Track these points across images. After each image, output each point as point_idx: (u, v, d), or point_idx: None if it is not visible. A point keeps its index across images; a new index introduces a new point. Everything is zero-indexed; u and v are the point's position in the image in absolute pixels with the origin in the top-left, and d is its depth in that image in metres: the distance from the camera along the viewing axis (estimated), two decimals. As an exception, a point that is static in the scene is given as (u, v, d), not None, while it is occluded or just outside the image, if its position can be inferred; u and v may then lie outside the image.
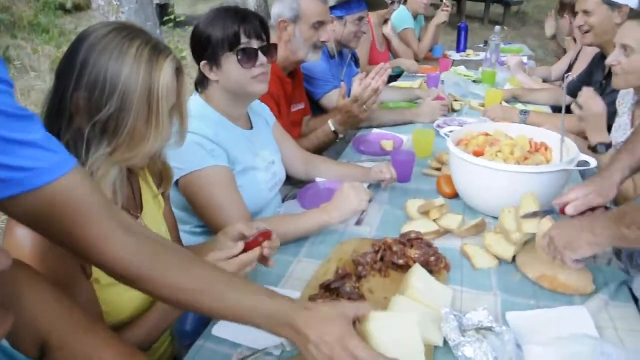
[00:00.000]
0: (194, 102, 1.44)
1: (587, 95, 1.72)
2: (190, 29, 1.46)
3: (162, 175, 1.18)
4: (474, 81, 3.09)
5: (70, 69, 0.88)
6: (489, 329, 0.92)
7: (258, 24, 1.37)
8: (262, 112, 1.67)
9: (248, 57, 1.35)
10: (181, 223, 1.49)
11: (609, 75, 2.14)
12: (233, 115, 1.47)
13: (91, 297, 0.93)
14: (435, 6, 4.80)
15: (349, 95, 2.51)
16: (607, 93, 2.07)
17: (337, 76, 2.43)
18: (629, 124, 1.82)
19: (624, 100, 1.91)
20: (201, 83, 1.45)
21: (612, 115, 1.99)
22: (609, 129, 1.97)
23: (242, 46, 1.34)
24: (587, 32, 2.24)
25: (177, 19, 6.34)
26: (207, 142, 1.35)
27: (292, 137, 1.87)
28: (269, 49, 1.41)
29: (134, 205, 1.10)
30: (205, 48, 1.35)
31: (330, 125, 1.92)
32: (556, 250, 1.05)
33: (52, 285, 0.76)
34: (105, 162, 0.91)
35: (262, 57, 1.38)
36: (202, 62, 1.36)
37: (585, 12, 2.21)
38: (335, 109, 1.91)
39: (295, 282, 1.20)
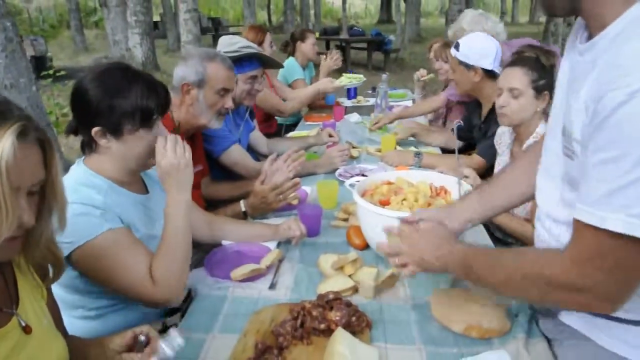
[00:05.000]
0: (78, 171, 1.30)
1: None
2: (71, 83, 1.32)
3: (50, 263, 1.02)
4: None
5: None
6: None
7: (164, 96, 1.31)
8: (156, 177, 1.56)
9: (156, 132, 1.30)
10: (72, 308, 1.32)
11: (486, 120, 2.35)
12: (124, 181, 1.35)
13: None
14: (323, 54, 5.04)
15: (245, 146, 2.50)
16: (488, 136, 2.26)
17: (234, 132, 2.38)
18: (509, 161, 1.99)
19: (502, 140, 2.10)
20: (89, 146, 1.32)
21: (492, 156, 2.17)
22: (492, 169, 2.15)
23: (152, 123, 1.28)
24: (457, 83, 2.48)
25: (57, 73, 5.90)
26: (95, 209, 1.22)
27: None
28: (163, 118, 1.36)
29: (8, 300, 0.93)
30: (102, 115, 1.23)
31: (242, 206, 1.85)
32: (403, 256, 1.14)
33: None
34: None
35: (164, 130, 1.32)
36: (96, 129, 1.24)
37: (452, 68, 2.45)
38: (250, 193, 1.86)
39: (210, 365, 1.10)
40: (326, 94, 3.49)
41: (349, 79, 3.51)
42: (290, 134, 3.18)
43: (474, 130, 2.43)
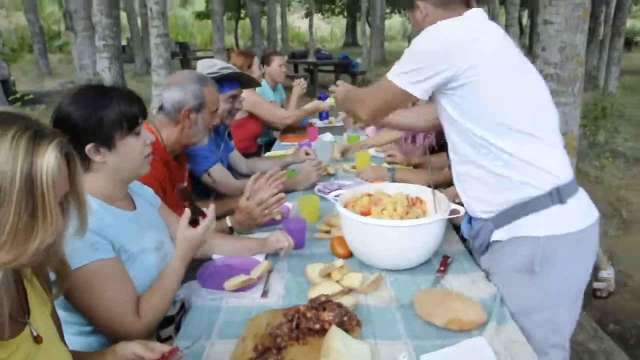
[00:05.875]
0: None
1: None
2: (42, 107, 1.38)
3: (57, 274, 1.07)
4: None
5: None
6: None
7: (141, 101, 1.40)
8: (144, 194, 1.62)
9: (144, 137, 1.39)
10: (67, 325, 1.34)
11: None
12: (115, 197, 1.42)
13: None
14: (292, 78, 5.21)
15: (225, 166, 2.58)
16: None
17: (215, 151, 2.47)
18: None
19: None
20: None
21: None
22: None
23: (138, 128, 1.36)
24: None
25: (26, 97, 5.85)
26: (89, 234, 1.27)
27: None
28: None
29: (21, 310, 0.98)
30: (92, 131, 1.30)
31: (228, 222, 1.93)
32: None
33: None
34: None
35: (150, 136, 1.41)
36: (89, 146, 1.30)
37: None
38: (236, 208, 1.94)
39: (213, 368, 1.16)
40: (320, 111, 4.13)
41: None
42: (268, 154, 3.27)
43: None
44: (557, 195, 1.34)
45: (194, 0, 25.43)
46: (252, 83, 2.68)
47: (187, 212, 1.45)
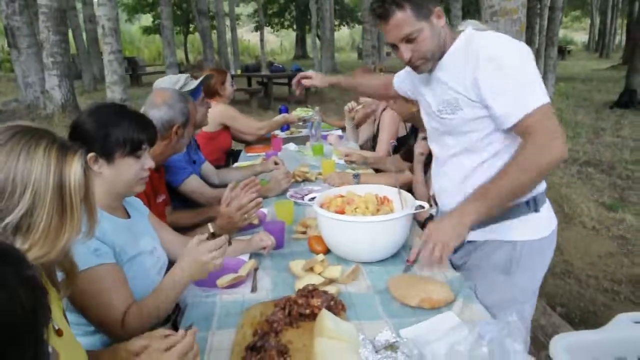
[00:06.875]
0: None
1: None
2: None
3: (66, 273, 1.17)
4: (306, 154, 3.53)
5: None
6: (396, 342, 1.16)
7: (153, 131, 1.53)
8: (135, 205, 1.73)
9: (143, 162, 1.51)
10: (71, 326, 1.43)
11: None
12: (111, 206, 1.52)
13: None
14: (246, 91, 5.33)
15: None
16: None
17: (190, 162, 2.57)
18: None
19: None
20: None
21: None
22: None
23: (140, 152, 1.48)
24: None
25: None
26: (91, 240, 1.37)
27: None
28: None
29: None
30: (97, 143, 1.41)
31: (210, 228, 2.03)
32: (437, 246, 1.34)
33: None
34: None
35: (150, 162, 1.53)
36: (90, 155, 1.41)
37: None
38: (217, 214, 2.05)
39: (217, 354, 1.29)
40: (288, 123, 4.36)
41: (304, 111, 4.48)
42: (236, 165, 3.40)
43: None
44: (534, 204, 1.48)
45: (140, 14, 25.04)
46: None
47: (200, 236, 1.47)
